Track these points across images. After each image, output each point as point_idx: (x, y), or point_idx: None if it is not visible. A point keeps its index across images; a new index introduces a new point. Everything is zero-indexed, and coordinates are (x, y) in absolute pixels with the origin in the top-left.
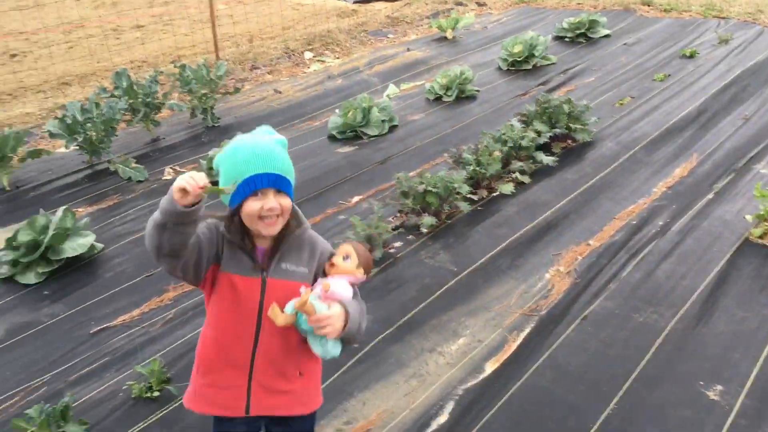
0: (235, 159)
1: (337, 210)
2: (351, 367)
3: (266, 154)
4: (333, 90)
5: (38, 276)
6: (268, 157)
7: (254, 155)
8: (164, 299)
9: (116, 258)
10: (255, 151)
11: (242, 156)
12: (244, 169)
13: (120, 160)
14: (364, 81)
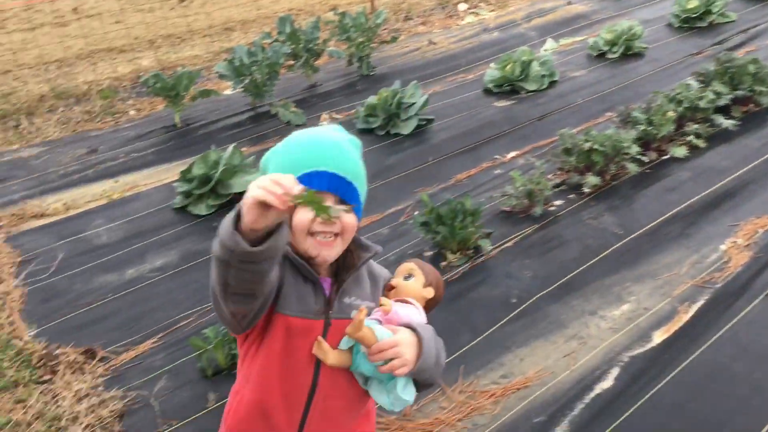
0: (289, 150)
1: (491, 165)
2: (509, 321)
3: (331, 148)
4: (488, 43)
5: (208, 208)
6: (333, 153)
7: (314, 146)
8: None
9: None
10: (316, 142)
11: (298, 147)
12: (299, 162)
13: (281, 103)
14: (520, 35)
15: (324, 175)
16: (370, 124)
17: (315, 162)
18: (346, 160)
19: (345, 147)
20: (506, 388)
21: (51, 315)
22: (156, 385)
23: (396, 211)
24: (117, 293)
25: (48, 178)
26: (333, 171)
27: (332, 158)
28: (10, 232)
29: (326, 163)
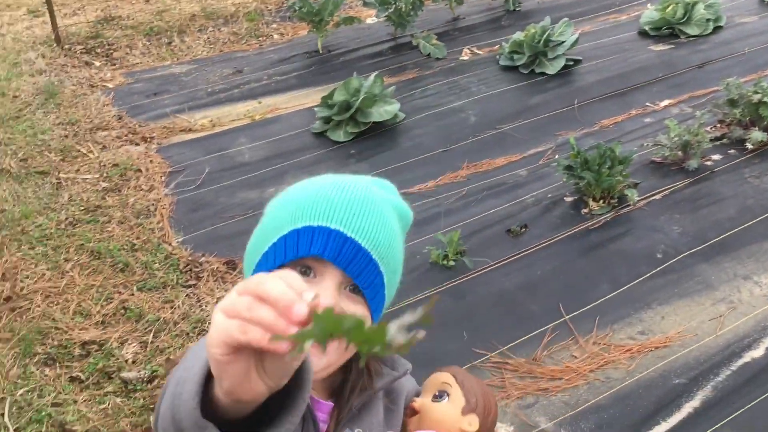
0: (287, 197)
1: (641, 112)
2: (652, 277)
3: (349, 202)
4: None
5: (346, 135)
6: (351, 207)
7: (325, 194)
8: (458, 176)
9: (415, 129)
10: (330, 190)
11: (301, 191)
12: (293, 211)
13: (422, 35)
14: None
15: (327, 233)
16: (514, 61)
17: (317, 214)
18: (372, 220)
19: (377, 206)
20: (644, 345)
21: (196, 225)
22: None
23: (536, 153)
24: (258, 210)
25: (196, 95)
26: (344, 231)
27: (350, 216)
28: (161, 143)
29: (334, 219)
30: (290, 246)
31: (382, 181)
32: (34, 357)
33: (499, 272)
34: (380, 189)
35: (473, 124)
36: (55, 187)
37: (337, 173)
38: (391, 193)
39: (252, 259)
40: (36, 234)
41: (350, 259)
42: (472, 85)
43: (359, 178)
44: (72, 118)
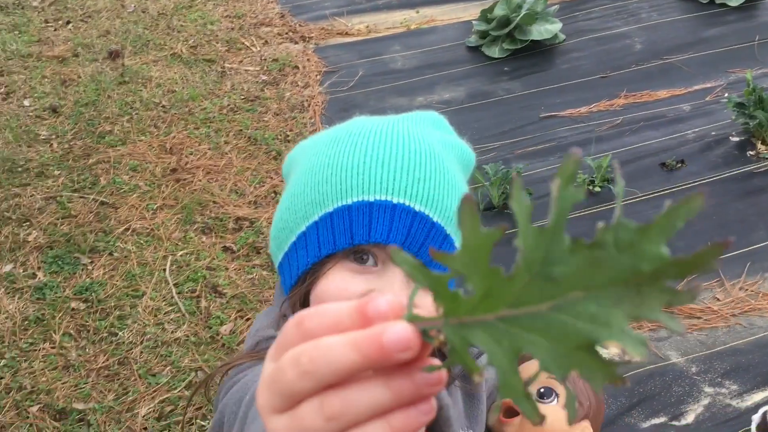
0: (327, 154)
1: None
2: None
3: (410, 160)
4: None
5: (502, 51)
6: (414, 168)
7: (375, 151)
8: (614, 104)
9: (575, 52)
10: (381, 145)
11: (345, 147)
12: (340, 178)
13: None
14: None
15: (386, 211)
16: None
17: (371, 179)
18: (440, 181)
19: (439, 156)
20: None
21: None
22: None
23: (702, 89)
24: None
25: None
26: (409, 204)
27: (410, 175)
28: (319, 44)
29: (395, 185)
30: (340, 229)
31: (431, 115)
32: (194, 225)
33: (647, 204)
34: (434, 128)
35: (637, 52)
36: (220, 75)
37: (492, 86)
38: (446, 131)
39: (283, 238)
40: (201, 116)
41: (422, 242)
42: (642, 10)
43: (406, 118)
44: (239, 12)
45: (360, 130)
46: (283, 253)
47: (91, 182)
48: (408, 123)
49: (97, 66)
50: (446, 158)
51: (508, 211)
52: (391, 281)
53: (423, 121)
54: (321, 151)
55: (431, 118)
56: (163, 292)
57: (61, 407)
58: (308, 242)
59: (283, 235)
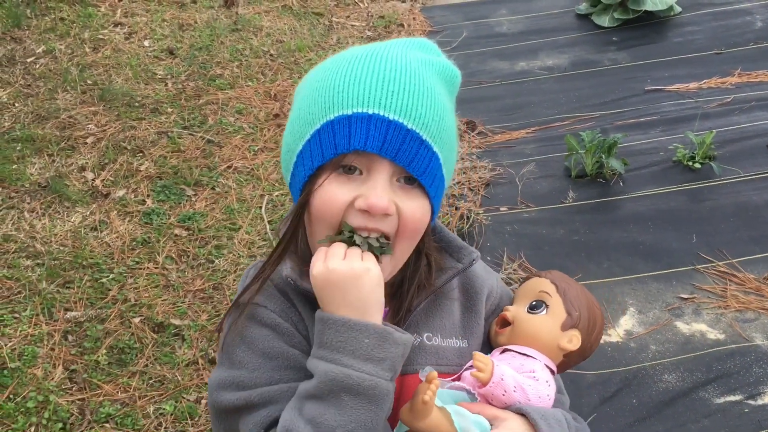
0: (318, 79)
1: None
2: None
3: (385, 77)
4: None
5: (612, 21)
6: (389, 83)
7: (354, 71)
8: (727, 82)
9: (690, 25)
10: (360, 66)
11: (331, 72)
12: (325, 98)
13: None
14: None
15: (374, 120)
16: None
17: (349, 96)
18: (416, 94)
19: (417, 72)
20: None
21: None
22: (523, 168)
23: None
24: (505, 80)
25: None
26: (383, 114)
27: (384, 89)
28: (426, 3)
29: (369, 99)
30: (326, 142)
31: (420, 40)
32: None
33: (749, 185)
34: (419, 51)
35: (758, 30)
36: (327, 28)
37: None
38: (433, 53)
39: (288, 159)
40: (306, 67)
41: (398, 147)
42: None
43: (392, 44)
44: None
45: (347, 56)
46: (290, 174)
47: (200, 121)
48: (392, 46)
49: (213, 13)
50: (424, 73)
51: (601, 179)
52: (373, 185)
53: (410, 45)
54: (314, 77)
55: (419, 42)
56: (258, 227)
57: (160, 321)
58: (304, 159)
59: (287, 157)
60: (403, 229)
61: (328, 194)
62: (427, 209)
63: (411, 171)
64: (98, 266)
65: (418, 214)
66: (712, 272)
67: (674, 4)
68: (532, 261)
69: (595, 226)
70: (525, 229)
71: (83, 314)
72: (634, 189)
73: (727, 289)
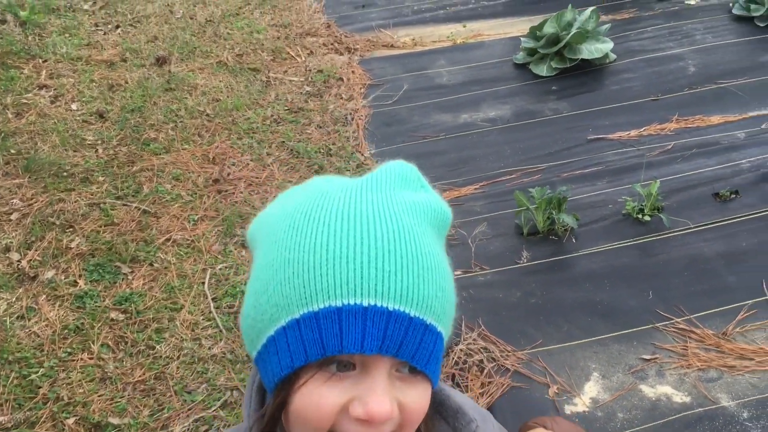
0: (295, 245)
1: None
2: None
3: (378, 249)
4: None
5: (550, 70)
6: (384, 258)
7: (338, 241)
8: (666, 128)
9: (626, 73)
10: (345, 232)
11: (306, 237)
12: (303, 279)
13: None
14: None
15: (357, 316)
16: (750, 12)
17: (337, 281)
18: (415, 266)
19: (409, 231)
20: None
21: (389, 139)
22: (473, 228)
23: (759, 116)
24: (449, 134)
25: (402, 11)
26: (382, 305)
27: (380, 269)
28: (364, 56)
29: (364, 285)
30: (309, 339)
31: (397, 169)
32: (234, 238)
33: (699, 236)
34: (403, 188)
35: (690, 75)
36: (265, 84)
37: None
38: (417, 186)
39: (254, 336)
40: (244, 126)
41: (400, 341)
42: (696, 32)
43: (368, 189)
44: (285, 21)
45: (319, 213)
46: (257, 352)
47: (135, 190)
48: (372, 192)
49: (145, 72)
50: (419, 231)
51: (553, 236)
52: (371, 386)
53: (390, 182)
54: (280, 239)
55: (400, 173)
56: (201, 306)
57: (97, 421)
58: (279, 349)
59: (252, 333)
60: (405, 423)
61: (314, 397)
62: (429, 391)
63: (415, 363)
64: (26, 360)
65: (422, 402)
66: (672, 330)
67: (609, 52)
68: (491, 328)
69: (551, 286)
70: (481, 294)
71: (10, 419)
72: (587, 245)
73: (687, 347)
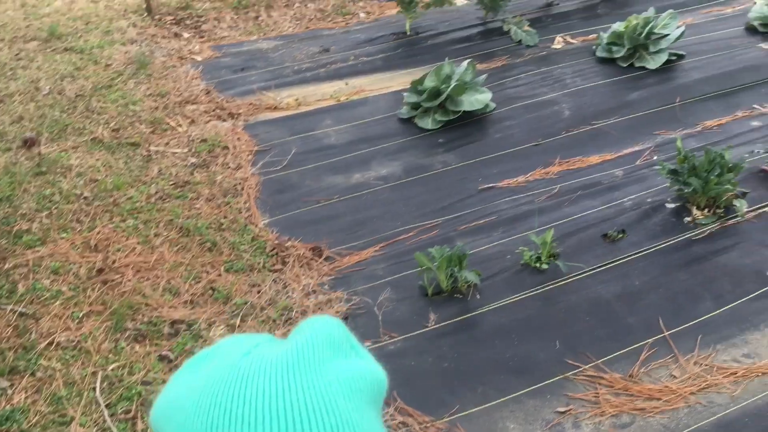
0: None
1: (748, 115)
2: (759, 296)
3: None
4: None
5: (435, 123)
6: None
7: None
8: (550, 172)
9: (506, 120)
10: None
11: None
12: None
13: (514, 20)
14: None
15: None
16: (612, 53)
17: None
18: None
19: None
20: (750, 369)
21: (282, 207)
22: (378, 294)
23: (632, 153)
24: (343, 196)
25: (282, 72)
26: None
27: None
28: (248, 120)
29: None
30: None
31: (324, 332)
32: (125, 332)
33: (595, 279)
34: (333, 356)
35: (566, 119)
36: (146, 159)
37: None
38: (348, 350)
39: None
40: (127, 207)
41: None
42: (566, 76)
43: (292, 365)
44: (162, 90)
45: (242, 409)
46: None
47: (9, 290)
48: (301, 373)
49: (11, 156)
50: (355, 418)
51: (458, 294)
52: None
53: (318, 353)
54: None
55: (327, 338)
56: (94, 415)
57: None
58: None
59: None
60: None
61: None
62: None
63: None
64: None
65: None
66: (582, 378)
67: (489, 102)
68: (407, 399)
69: (461, 347)
70: (393, 364)
71: None
72: (492, 299)
73: (599, 394)
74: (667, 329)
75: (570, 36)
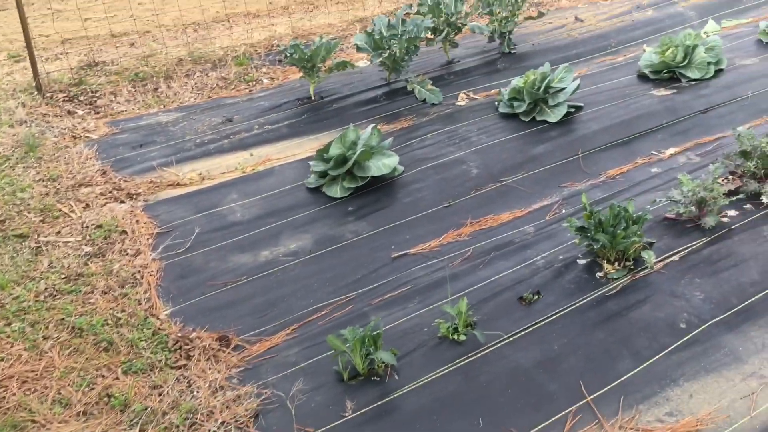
0: None
1: (648, 161)
2: (675, 350)
3: None
4: (641, 22)
5: (343, 190)
6: None
7: None
8: (462, 233)
9: (415, 183)
10: None
11: None
12: None
13: (418, 80)
14: (678, 14)
15: None
16: (514, 108)
17: None
18: None
19: None
20: (674, 429)
21: (186, 294)
22: (292, 384)
23: (541, 207)
24: (251, 276)
25: (184, 145)
26: None
27: None
28: (148, 200)
29: None
30: None
31: None
32: None
33: (514, 346)
34: None
35: (475, 177)
36: (35, 252)
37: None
38: None
39: None
40: (13, 307)
41: None
42: (471, 134)
43: None
44: (53, 173)
45: None
46: None
47: None
48: None
49: None
50: None
51: (375, 377)
52: None
53: None
54: None
55: None
56: None
57: None
58: None
59: None
60: None
61: None
62: None
63: None
64: None
65: None
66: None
67: (397, 165)
68: None
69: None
70: None
71: None
72: (411, 379)
73: None
74: (590, 393)
75: (473, 92)
